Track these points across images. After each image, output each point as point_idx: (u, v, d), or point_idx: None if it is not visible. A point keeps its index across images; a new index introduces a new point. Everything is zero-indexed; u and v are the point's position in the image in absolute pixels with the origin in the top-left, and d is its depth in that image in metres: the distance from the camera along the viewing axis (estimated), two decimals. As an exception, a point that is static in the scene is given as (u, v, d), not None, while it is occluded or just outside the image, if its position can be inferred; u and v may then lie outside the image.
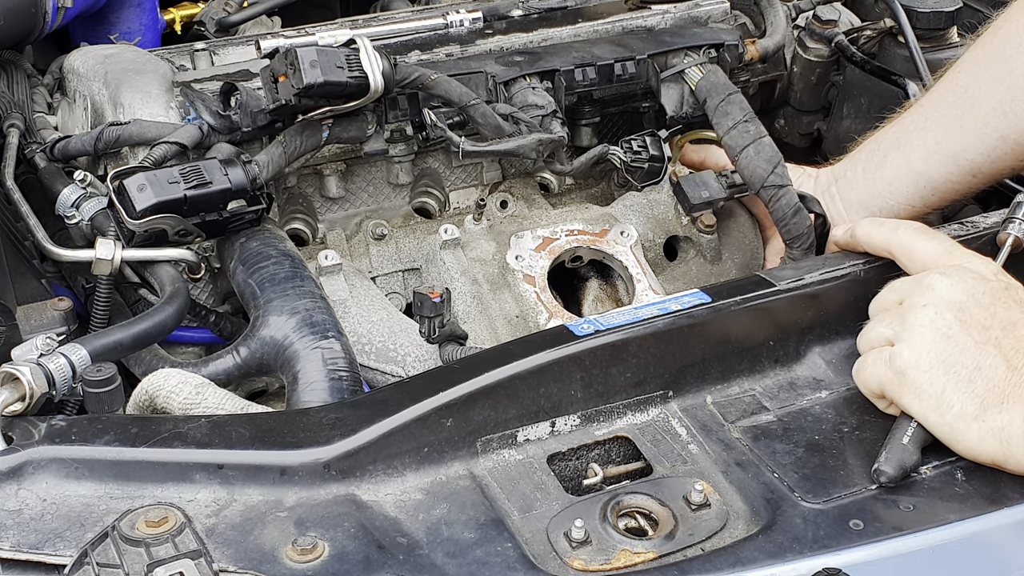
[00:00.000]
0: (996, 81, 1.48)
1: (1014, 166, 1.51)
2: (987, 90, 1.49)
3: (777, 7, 1.85)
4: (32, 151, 1.62)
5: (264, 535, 1.07)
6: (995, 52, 1.50)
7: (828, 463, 1.19)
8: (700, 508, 1.14)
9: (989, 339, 1.18)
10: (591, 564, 1.08)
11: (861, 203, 1.60)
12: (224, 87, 1.56)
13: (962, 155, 1.52)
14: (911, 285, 1.26)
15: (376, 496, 1.14)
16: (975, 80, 1.51)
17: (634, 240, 1.63)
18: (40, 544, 1.05)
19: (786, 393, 1.30)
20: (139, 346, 1.37)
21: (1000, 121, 1.48)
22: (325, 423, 1.17)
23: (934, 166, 1.54)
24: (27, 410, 1.20)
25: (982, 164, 1.51)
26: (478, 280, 1.59)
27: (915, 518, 1.12)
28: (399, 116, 1.59)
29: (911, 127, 1.58)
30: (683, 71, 1.70)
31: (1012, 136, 1.48)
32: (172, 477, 1.11)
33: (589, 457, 1.23)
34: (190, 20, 2.06)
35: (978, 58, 1.53)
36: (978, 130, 1.50)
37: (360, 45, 1.47)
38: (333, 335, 1.35)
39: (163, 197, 1.39)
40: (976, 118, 1.50)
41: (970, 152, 1.51)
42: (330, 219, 1.71)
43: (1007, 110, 1.47)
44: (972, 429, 1.16)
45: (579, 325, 1.26)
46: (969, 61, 1.54)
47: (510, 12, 1.81)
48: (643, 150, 1.65)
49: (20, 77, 1.75)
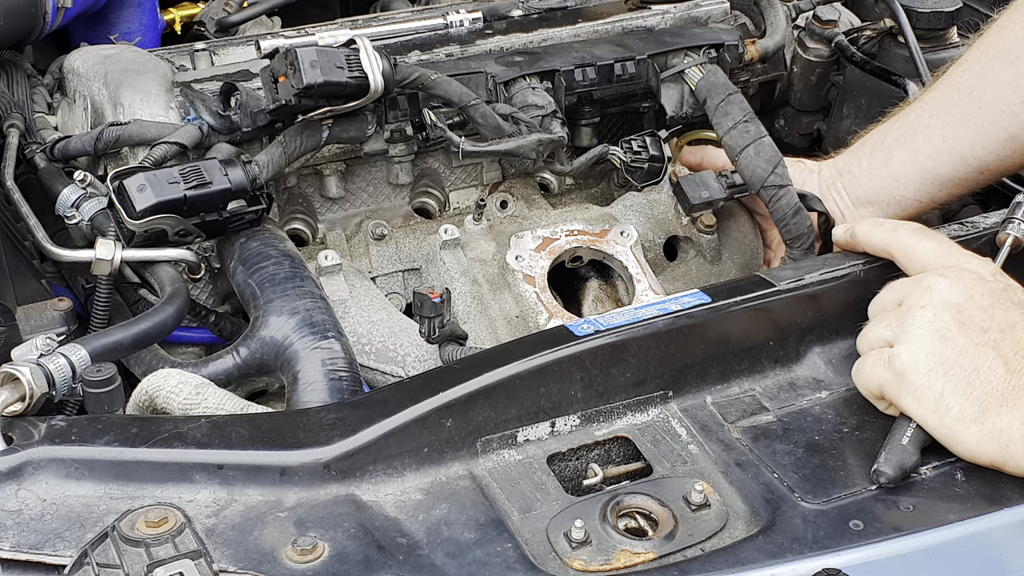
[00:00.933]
0: (1003, 83, 1.49)
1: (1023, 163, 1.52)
2: (994, 91, 1.49)
3: (777, 7, 1.85)
4: (32, 151, 1.62)
5: (264, 535, 1.07)
6: (1000, 53, 1.51)
7: (828, 463, 1.19)
8: (700, 508, 1.14)
9: (988, 341, 1.18)
10: (591, 564, 1.08)
11: (868, 199, 1.60)
12: (224, 87, 1.56)
13: (970, 153, 1.52)
14: (910, 286, 1.26)
15: (376, 496, 1.14)
16: (980, 80, 1.52)
17: (634, 240, 1.63)
18: (40, 544, 1.05)
19: (786, 393, 1.29)
20: (139, 346, 1.37)
21: (1009, 122, 1.48)
22: (325, 423, 1.17)
23: (942, 163, 1.55)
24: (27, 410, 1.20)
25: (991, 162, 1.52)
26: (478, 280, 1.59)
27: (915, 518, 1.12)
28: (399, 116, 1.59)
29: (916, 124, 1.58)
30: (683, 71, 1.70)
31: (1022, 136, 1.48)
32: (172, 477, 1.11)
33: (589, 457, 1.23)
34: (190, 20, 2.06)
35: (982, 58, 1.53)
36: (987, 130, 1.50)
37: (360, 45, 1.47)
38: (333, 335, 1.35)
39: (163, 197, 1.40)
40: (984, 118, 1.50)
41: (978, 151, 1.51)
42: (330, 219, 1.71)
43: (1016, 111, 1.48)
44: (971, 431, 1.16)
45: (579, 325, 1.26)
46: (973, 60, 1.54)
47: (510, 12, 1.81)
48: (643, 150, 1.65)
49: (20, 77, 1.75)
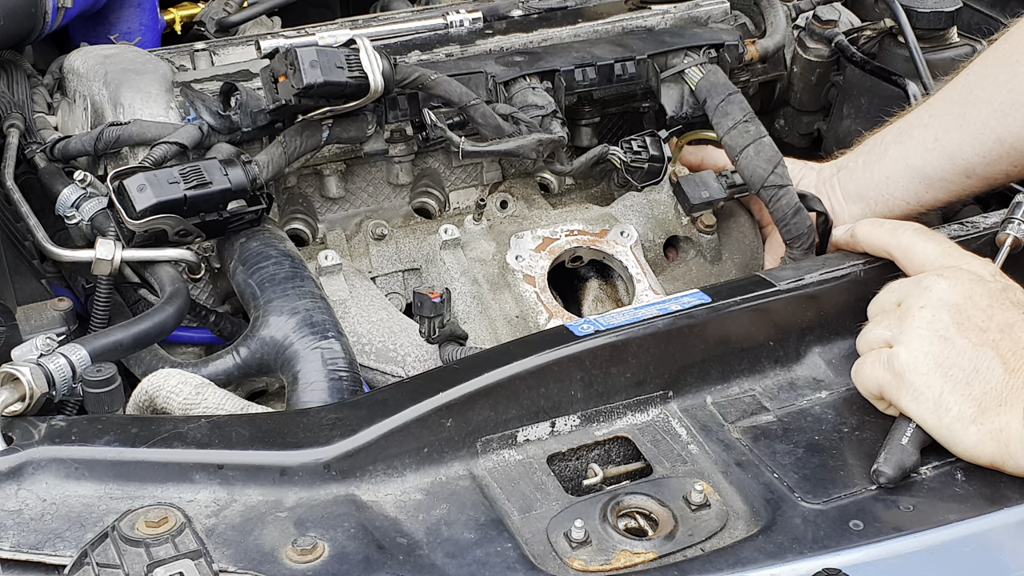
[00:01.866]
0: (1000, 84, 1.49)
1: (1008, 171, 1.51)
2: (991, 92, 1.50)
3: (777, 7, 1.85)
4: (32, 151, 1.62)
5: (264, 535, 1.07)
6: (1003, 56, 1.52)
7: (828, 463, 1.19)
8: (700, 508, 1.14)
9: (986, 341, 1.18)
10: (591, 564, 1.08)
11: (858, 194, 1.60)
12: (224, 87, 1.56)
13: (959, 153, 1.52)
14: (909, 287, 1.26)
15: (376, 496, 1.14)
16: (981, 82, 1.52)
17: (634, 240, 1.63)
18: (40, 544, 1.05)
19: (786, 393, 1.30)
20: (139, 346, 1.37)
21: (999, 123, 1.48)
22: (325, 423, 1.17)
23: (931, 162, 1.55)
24: (27, 410, 1.20)
25: (977, 165, 1.51)
26: (478, 280, 1.59)
27: (915, 518, 1.12)
28: (399, 116, 1.59)
29: (915, 123, 1.59)
30: (683, 71, 1.70)
31: (1009, 140, 1.48)
32: (172, 477, 1.11)
33: (589, 457, 1.23)
34: (190, 20, 2.06)
35: (987, 61, 1.54)
36: (977, 130, 1.50)
37: (360, 45, 1.47)
38: (333, 335, 1.35)
39: (163, 197, 1.39)
40: (977, 118, 1.50)
41: (967, 151, 1.51)
42: (330, 219, 1.71)
43: (1007, 113, 1.48)
44: (970, 432, 1.16)
45: (579, 325, 1.26)
46: (979, 63, 1.55)
47: (510, 12, 1.81)
48: (643, 150, 1.65)
49: (20, 77, 1.75)
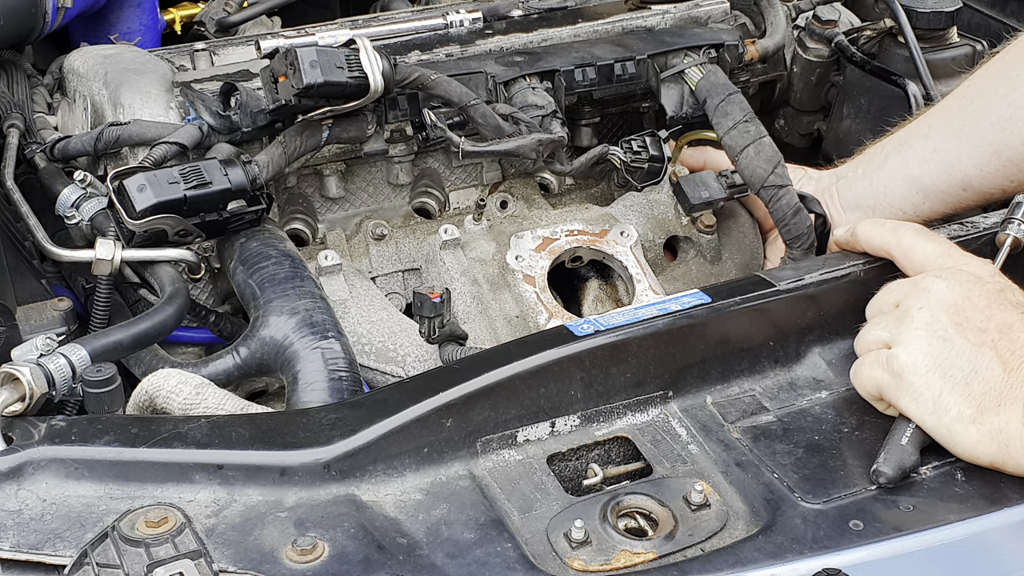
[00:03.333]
0: (999, 97, 1.50)
1: (1004, 186, 1.52)
2: (990, 104, 1.50)
3: (777, 7, 1.85)
4: (32, 151, 1.62)
5: (264, 535, 1.07)
6: (1004, 69, 1.52)
7: (828, 463, 1.19)
8: (700, 508, 1.14)
9: (985, 341, 1.18)
10: (591, 564, 1.08)
11: (856, 203, 1.61)
12: (224, 87, 1.56)
13: (956, 165, 1.52)
14: (907, 287, 1.26)
15: (376, 496, 1.14)
16: (980, 94, 1.53)
17: (634, 240, 1.63)
18: (40, 544, 1.05)
19: (786, 393, 1.30)
20: (139, 346, 1.37)
21: (996, 136, 1.49)
22: (325, 423, 1.17)
23: (928, 172, 1.55)
24: (27, 410, 1.20)
25: (974, 177, 1.52)
26: (478, 280, 1.59)
27: (915, 518, 1.12)
28: (399, 116, 1.59)
29: (915, 133, 1.59)
30: (683, 71, 1.70)
31: (1006, 153, 1.49)
32: (172, 477, 1.11)
33: (589, 457, 1.23)
34: (190, 20, 2.06)
35: (988, 74, 1.54)
36: (975, 143, 1.50)
37: (360, 45, 1.47)
38: (333, 335, 1.35)
39: (163, 197, 1.39)
40: (975, 130, 1.51)
41: (964, 163, 1.52)
42: (330, 219, 1.71)
43: (1005, 127, 1.48)
44: (970, 432, 1.16)
45: (579, 325, 1.26)
46: (979, 75, 1.55)
47: (510, 12, 1.81)
48: (643, 150, 1.65)
49: (20, 77, 1.75)
